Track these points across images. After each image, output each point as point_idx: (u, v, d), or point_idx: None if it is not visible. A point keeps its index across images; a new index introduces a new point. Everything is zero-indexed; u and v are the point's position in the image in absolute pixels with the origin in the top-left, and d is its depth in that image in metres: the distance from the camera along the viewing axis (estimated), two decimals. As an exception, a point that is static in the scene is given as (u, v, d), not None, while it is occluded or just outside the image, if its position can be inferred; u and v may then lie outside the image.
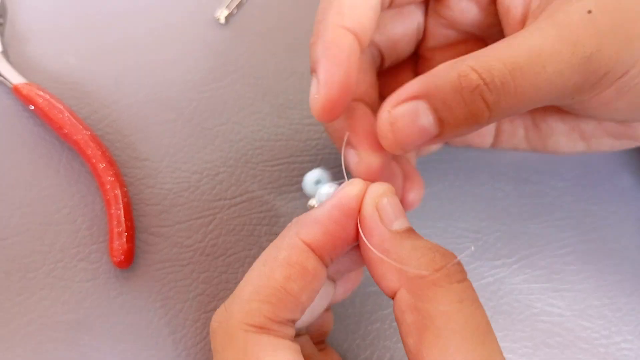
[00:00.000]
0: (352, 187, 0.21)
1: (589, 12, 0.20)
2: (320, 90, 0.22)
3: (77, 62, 0.35)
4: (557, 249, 0.32)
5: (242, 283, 0.21)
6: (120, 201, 0.29)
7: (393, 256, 0.20)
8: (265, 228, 0.31)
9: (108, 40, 0.36)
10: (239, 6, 0.38)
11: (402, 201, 0.26)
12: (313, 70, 0.23)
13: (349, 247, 0.22)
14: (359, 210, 0.21)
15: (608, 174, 0.34)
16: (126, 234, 0.29)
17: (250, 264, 0.29)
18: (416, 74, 0.30)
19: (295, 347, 0.20)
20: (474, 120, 0.20)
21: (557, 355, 0.29)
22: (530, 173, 0.34)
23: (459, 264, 0.20)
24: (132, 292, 0.29)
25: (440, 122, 0.20)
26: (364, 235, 0.21)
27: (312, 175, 0.24)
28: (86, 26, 0.37)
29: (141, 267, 0.29)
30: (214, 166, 0.33)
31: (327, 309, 0.26)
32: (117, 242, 0.28)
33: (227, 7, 0.38)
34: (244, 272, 0.29)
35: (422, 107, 0.20)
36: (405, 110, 0.21)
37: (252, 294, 0.20)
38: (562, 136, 0.29)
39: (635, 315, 0.30)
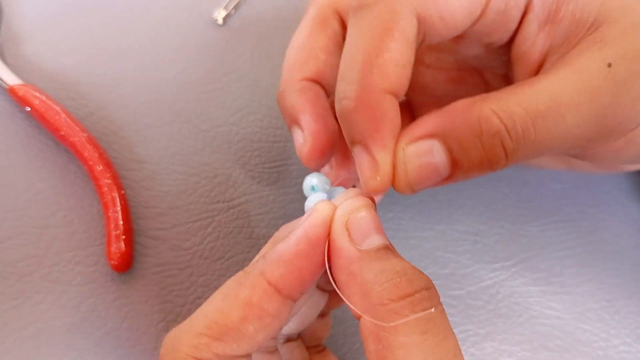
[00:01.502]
0: (318, 214, 0.20)
1: (609, 65, 0.20)
2: (385, 170, 0.20)
3: (74, 63, 0.35)
4: (556, 252, 0.32)
5: (198, 312, 0.20)
6: (118, 204, 0.29)
7: (358, 279, 0.18)
8: (263, 230, 0.31)
9: (105, 41, 0.36)
10: (236, 7, 0.38)
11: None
12: (358, 142, 0.21)
13: (321, 274, 0.20)
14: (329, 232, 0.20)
15: (606, 177, 0.34)
16: (124, 236, 0.28)
17: (249, 267, 0.30)
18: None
19: None
20: (489, 166, 0.20)
21: (556, 358, 0.29)
22: (529, 176, 0.34)
23: (430, 288, 0.18)
24: (130, 296, 0.28)
25: (454, 164, 0.20)
26: (331, 256, 0.20)
27: (308, 181, 0.23)
28: (83, 27, 0.36)
29: (139, 270, 0.29)
30: (212, 168, 0.32)
31: (324, 315, 0.26)
32: (115, 245, 0.28)
33: (224, 8, 0.37)
34: (242, 275, 0.29)
35: (436, 147, 0.20)
36: (420, 149, 0.20)
37: (205, 329, 0.19)
38: (546, 157, 0.29)
39: (634, 318, 0.30)
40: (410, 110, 0.30)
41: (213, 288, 0.29)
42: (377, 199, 0.23)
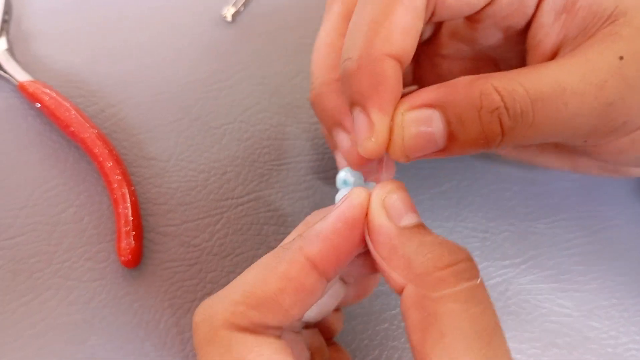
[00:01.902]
0: (355, 196, 0.20)
1: (621, 58, 0.20)
2: (380, 131, 0.21)
3: (83, 60, 0.35)
4: (565, 250, 0.32)
5: (235, 282, 0.21)
6: (128, 200, 0.29)
7: (400, 252, 0.19)
8: (272, 228, 0.31)
9: (114, 39, 0.36)
10: (245, 4, 0.38)
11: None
12: (357, 103, 0.21)
13: (355, 255, 0.21)
14: (366, 214, 0.20)
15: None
16: (134, 233, 0.29)
17: (259, 263, 0.30)
18: (414, 75, 0.30)
19: (280, 345, 0.20)
20: (485, 142, 0.20)
21: (566, 356, 0.29)
22: (538, 174, 0.34)
23: (471, 260, 0.19)
24: (139, 292, 0.29)
25: (451, 136, 0.20)
26: (371, 234, 0.20)
27: (342, 175, 0.24)
28: (92, 24, 0.36)
29: (149, 266, 0.29)
30: (221, 165, 0.32)
31: (338, 309, 0.26)
32: (125, 242, 0.28)
33: (233, 4, 0.38)
34: (252, 272, 0.29)
35: (435, 116, 0.20)
36: (419, 116, 0.20)
37: (243, 297, 0.20)
38: (552, 155, 0.29)
39: (643, 315, 0.30)
40: None
41: (222, 284, 0.29)
42: (388, 175, 0.23)
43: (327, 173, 0.33)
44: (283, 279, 0.19)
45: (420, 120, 0.20)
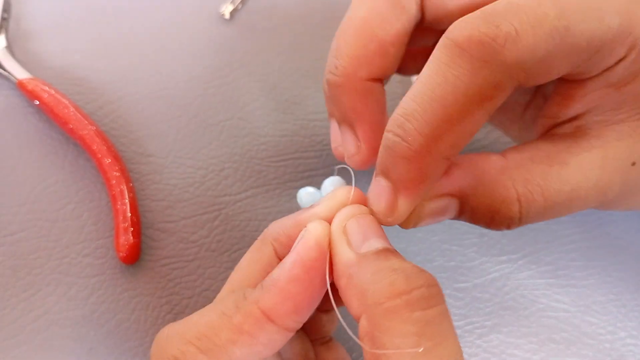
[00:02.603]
0: (311, 235, 0.19)
1: (633, 164, 0.21)
2: (362, 149, 0.22)
3: (82, 57, 0.35)
4: (563, 245, 0.32)
5: (193, 317, 0.20)
6: (126, 196, 0.29)
7: (355, 281, 0.18)
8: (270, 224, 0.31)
9: (113, 36, 0.36)
10: (243, 1, 0.38)
11: None
12: (344, 121, 0.23)
13: (321, 297, 0.20)
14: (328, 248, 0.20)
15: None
16: (132, 229, 0.29)
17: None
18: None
19: None
20: (487, 228, 0.21)
21: (563, 351, 0.29)
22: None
23: (432, 286, 0.17)
24: (138, 288, 0.29)
25: (460, 215, 0.21)
26: (332, 264, 0.19)
27: (307, 198, 0.25)
28: (91, 22, 0.37)
29: (147, 262, 0.29)
30: (219, 162, 0.32)
31: (328, 310, 0.26)
32: (123, 238, 0.28)
33: (231, 2, 0.38)
34: (249, 268, 0.29)
35: (453, 204, 0.21)
36: (438, 206, 0.21)
37: (194, 339, 0.19)
38: None
39: (640, 311, 0.30)
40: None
41: (220, 280, 0.29)
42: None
43: (325, 169, 0.33)
44: (235, 332, 0.19)
45: (438, 209, 0.21)
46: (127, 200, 0.29)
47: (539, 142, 0.22)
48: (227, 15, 0.37)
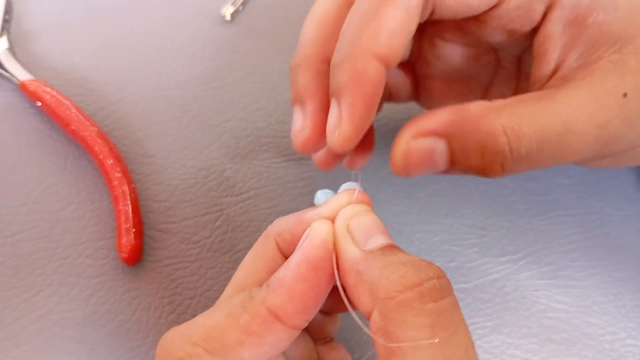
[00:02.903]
0: (316, 233, 0.20)
1: (625, 95, 0.20)
2: (344, 126, 0.21)
3: (84, 59, 0.35)
4: (563, 246, 0.32)
5: (198, 320, 0.20)
6: (128, 197, 0.29)
7: (364, 277, 0.18)
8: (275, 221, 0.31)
9: (114, 38, 0.36)
10: (244, 3, 0.38)
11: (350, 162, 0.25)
12: (296, 100, 0.23)
13: (326, 295, 0.20)
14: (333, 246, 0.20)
15: (613, 171, 0.34)
16: (134, 230, 0.29)
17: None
18: (413, 49, 0.29)
19: None
20: (483, 173, 0.20)
21: (563, 351, 0.29)
22: (536, 170, 0.34)
23: (441, 277, 0.18)
24: (139, 288, 0.29)
25: (452, 162, 0.20)
26: (337, 262, 0.20)
27: (324, 199, 0.24)
28: (92, 23, 0.37)
29: (149, 263, 0.29)
30: (221, 163, 0.33)
31: (330, 313, 0.26)
32: (125, 238, 0.29)
33: (232, 4, 0.38)
34: (251, 269, 0.29)
35: (440, 146, 0.20)
36: (424, 145, 0.20)
37: (201, 340, 0.19)
38: None
39: (640, 311, 0.30)
40: (414, 77, 0.30)
41: (222, 281, 0.29)
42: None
43: (325, 170, 0.33)
44: (243, 333, 0.19)
45: (425, 148, 0.20)
46: (129, 201, 0.29)
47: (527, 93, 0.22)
48: (228, 17, 0.37)
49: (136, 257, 0.29)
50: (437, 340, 0.16)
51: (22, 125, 0.32)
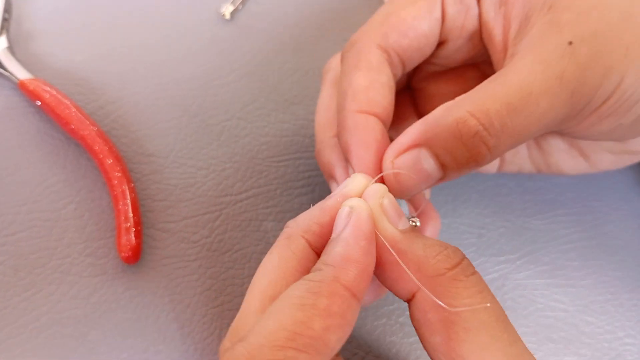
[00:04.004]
0: (360, 209, 0.20)
1: (570, 43, 0.21)
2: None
3: (83, 59, 0.35)
4: (561, 245, 0.32)
5: (266, 324, 0.18)
6: (128, 197, 0.30)
7: (410, 256, 0.20)
8: (271, 224, 0.31)
9: (114, 37, 0.36)
10: (243, 2, 0.38)
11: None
12: (327, 177, 0.26)
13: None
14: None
15: (610, 171, 0.34)
16: (133, 229, 0.29)
17: (257, 259, 0.30)
18: (414, 105, 0.30)
19: None
20: (476, 162, 0.21)
21: (561, 350, 0.29)
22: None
23: (465, 257, 0.20)
24: (139, 287, 0.29)
25: (443, 166, 0.21)
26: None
27: None
28: (92, 23, 0.37)
29: (148, 262, 0.29)
30: (220, 162, 0.33)
31: None
32: (125, 238, 0.29)
33: (232, 3, 0.38)
34: (250, 268, 0.30)
35: (423, 154, 0.21)
36: (407, 159, 0.21)
37: (288, 341, 0.18)
38: (563, 153, 0.29)
39: (637, 310, 0.30)
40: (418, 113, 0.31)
41: (221, 280, 0.29)
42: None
43: (325, 170, 0.33)
44: (327, 317, 0.18)
45: (410, 162, 0.21)
46: (128, 201, 0.29)
47: None
48: (228, 16, 0.37)
49: (136, 257, 0.29)
50: (488, 305, 0.19)
51: (22, 124, 0.32)
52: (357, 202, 0.21)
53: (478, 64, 0.28)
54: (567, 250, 0.32)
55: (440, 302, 0.19)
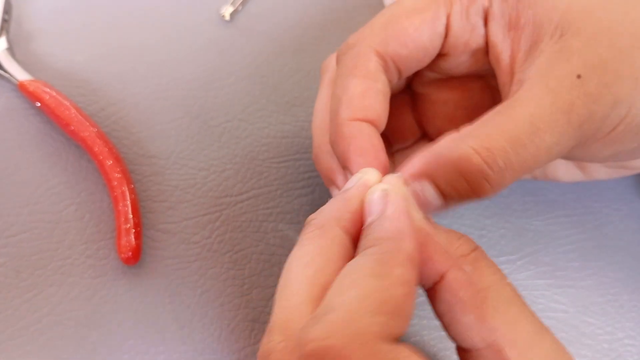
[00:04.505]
0: (396, 189, 0.21)
1: (579, 76, 0.20)
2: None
3: (84, 60, 0.35)
4: (561, 246, 0.32)
5: (350, 294, 0.18)
6: (128, 198, 0.30)
7: (436, 238, 0.21)
8: (271, 225, 0.31)
9: (114, 38, 0.36)
10: (243, 3, 0.38)
11: None
12: (327, 183, 0.26)
13: None
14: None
15: (611, 172, 0.34)
16: (134, 230, 0.29)
17: (257, 260, 0.30)
18: (413, 108, 0.30)
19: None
20: (477, 196, 0.21)
21: (561, 351, 0.29)
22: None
23: None
24: (140, 289, 0.29)
25: (444, 196, 0.21)
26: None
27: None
28: (92, 24, 0.37)
29: (149, 263, 0.30)
30: (221, 163, 0.33)
31: None
32: (125, 239, 0.29)
33: (231, 4, 0.38)
34: (250, 269, 0.30)
35: (426, 186, 0.21)
36: (410, 191, 0.22)
37: (378, 307, 0.17)
38: (560, 164, 0.29)
39: (637, 311, 0.31)
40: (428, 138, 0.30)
41: (222, 281, 0.30)
42: None
43: (325, 171, 0.33)
44: (404, 285, 0.18)
45: (412, 191, 0.22)
46: (128, 202, 0.30)
47: None
48: (227, 17, 0.37)
49: (136, 258, 0.29)
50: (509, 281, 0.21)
51: (22, 126, 0.32)
52: (391, 186, 0.21)
53: (482, 75, 0.28)
54: (567, 252, 0.32)
55: (466, 268, 0.21)
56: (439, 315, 0.21)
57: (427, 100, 0.29)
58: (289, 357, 0.18)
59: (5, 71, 0.33)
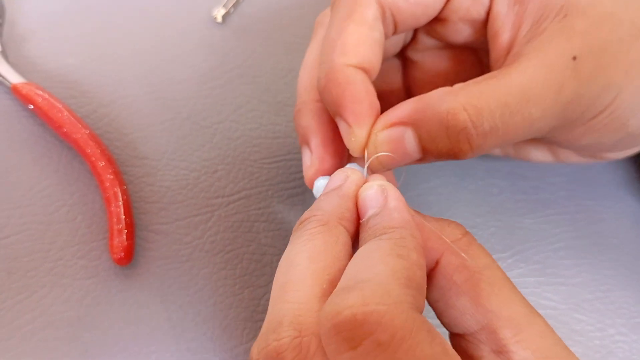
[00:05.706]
0: (390, 184, 0.22)
1: (574, 58, 0.21)
2: (313, 159, 0.24)
3: (76, 62, 0.35)
4: (552, 244, 0.32)
5: (379, 269, 0.18)
6: (120, 199, 0.30)
7: (428, 227, 0.21)
8: (263, 225, 0.31)
9: (107, 40, 0.36)
10: (235, 5, 0.38)
11: None
12: (302, 141, 0.25)
13: None
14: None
15: (603, 170, 0.35)
16: (126, 231, 0.29)
17: (249, 260, 0.30)
18: (404, 75, 0.30)
19: None
20: (455, 156, 0.21)
21: (552, 348, 0.29)
22: (526, 169, 0.34)
23: None
24: (132, 289, 0.29)
25: (423, 149, 0.21)
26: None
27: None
28: (84, 26, 0.37)
29: (141, 264, 0.30)
30: (212, 164, 0.33)
31: None
32: (117, 240, 0.29)
33: (224, 5, 0.38)
34: (242, 268, 0.30)
35: (408, 134, 0.21)
36: (392, 134, 0.22)
37: (405, 282, 0.18)
38: (531, 147, 0.30)
39: (628, 308, 0.31)
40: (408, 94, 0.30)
41: (214, 281, 0.30)
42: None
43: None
44: (422, 268, 0.19)
45: (393, 138, 0.22)
46: (120, 203, 0.30)
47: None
48: (220, 19, 0.38)
49: (128, 258, 0.29)
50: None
51: (14, 128, 0.33)
52: (385, 182, 0.22)
53: (476, 50, 0.28)
54: (558, 249, 0.32)
55: (464, 256, 0.21)
56: (432, 303, 0.21)
57: (419, 68, 0.29)
58: (306, 349, 0.17)
59: (-2, 74, 0.34)
